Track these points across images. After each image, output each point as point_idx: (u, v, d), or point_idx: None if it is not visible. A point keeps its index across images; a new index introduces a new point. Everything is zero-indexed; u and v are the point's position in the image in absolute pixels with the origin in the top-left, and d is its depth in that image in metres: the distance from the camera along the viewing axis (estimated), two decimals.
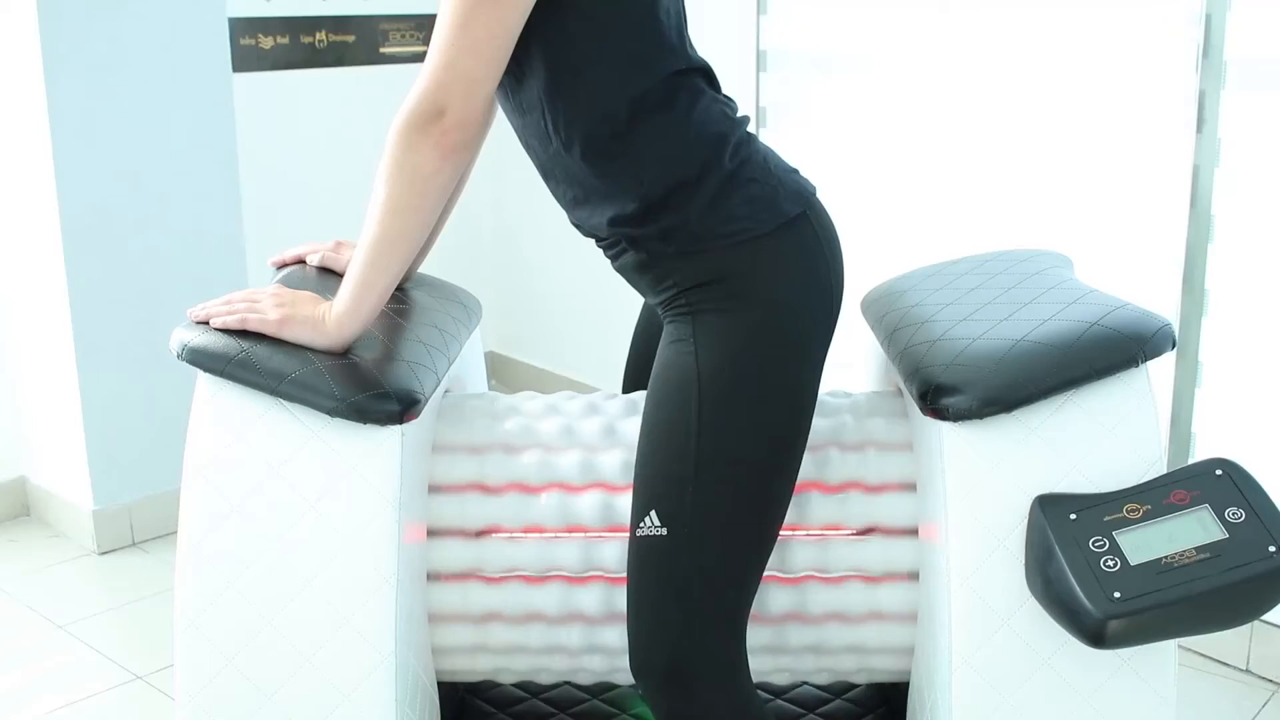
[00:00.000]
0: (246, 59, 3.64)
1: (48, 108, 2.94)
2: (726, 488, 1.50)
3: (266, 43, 3.70)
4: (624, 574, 1.60)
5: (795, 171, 1.59)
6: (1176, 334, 2.56)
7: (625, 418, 1.77)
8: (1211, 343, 2.68)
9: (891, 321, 1.78)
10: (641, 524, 1.51)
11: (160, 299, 3.15)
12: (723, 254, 1.51)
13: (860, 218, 3.23)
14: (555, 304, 4.23)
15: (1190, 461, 2.63)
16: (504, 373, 4.45)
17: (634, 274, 1.59)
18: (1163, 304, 2.68)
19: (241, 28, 3.62)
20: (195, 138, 3.19)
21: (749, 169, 1.52)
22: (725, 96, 1.58)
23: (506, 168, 1.70)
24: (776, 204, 1.52)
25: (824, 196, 1.60)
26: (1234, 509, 1.46)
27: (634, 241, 1.54)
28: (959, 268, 1.92)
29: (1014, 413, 1.54)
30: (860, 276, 2.10)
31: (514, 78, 1.51)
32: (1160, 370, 2.52)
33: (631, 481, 1.57)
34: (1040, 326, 1.60)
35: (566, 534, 1.70)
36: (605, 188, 1.53)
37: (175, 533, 1.58)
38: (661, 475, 1.51)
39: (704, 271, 1.51)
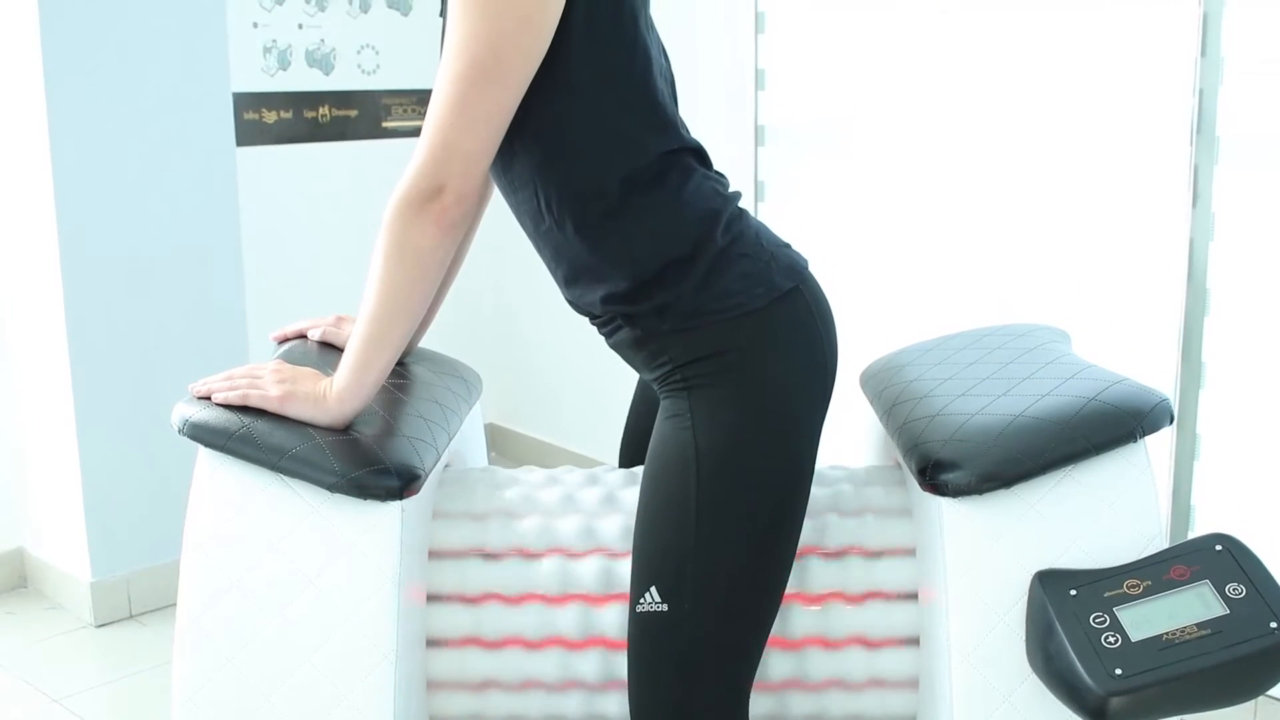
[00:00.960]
0: (250, 133, 3.68)
1: (53, 176, 2.97)
2: (726, 562, 1.49)
3: (270, 117, 3.74)
4: (624, 639, 1.59)
5: (788, 246, 1.60)
6: (1175, 407, 2.58)
7: (625, 487, 1.77)
8: (1209, 415, 2.69)
9: (890, 396, 1.78)
10: (641, 600, 1.51)
11: (161, 371, 3.16)
12: (717, 329, 1.51)
13: (859, 290, 3.24)
14: (554, 377, 4.24)
15: (1191, 534, 2.63)
16: (504, 445, 4.45)
17: (629, 351, 1.60)
18: (1160, 376, 2.69)
19: (246, 102, 3.66)
20: (198, 211, 3.21)
21: (741, 245, 1.53)
22: (717, 173, 1.60)
23: (505, 242, 1.72)
24: (769, 279, 1.53)
25: (823, 269, 1.62)
26: (1234, 584, 1.46)
27: (628, 319, 1.55)
28: (957, 342, 1.93)
29: (1013, 488, 1.54)
30: (859, 349, 2.11)
31: (507, 155, 1.53)
32: (1159, 443, 2.53)
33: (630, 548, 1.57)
34: (1038, 402, 1.60)
35: (566, 600, 1.70)
36: (598, 265, 1.54)
37: (173, 605, 1.58)
38: (660, 551, 1.51)
39: (699, 347, 1.52)
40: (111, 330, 3.11)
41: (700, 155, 1.58)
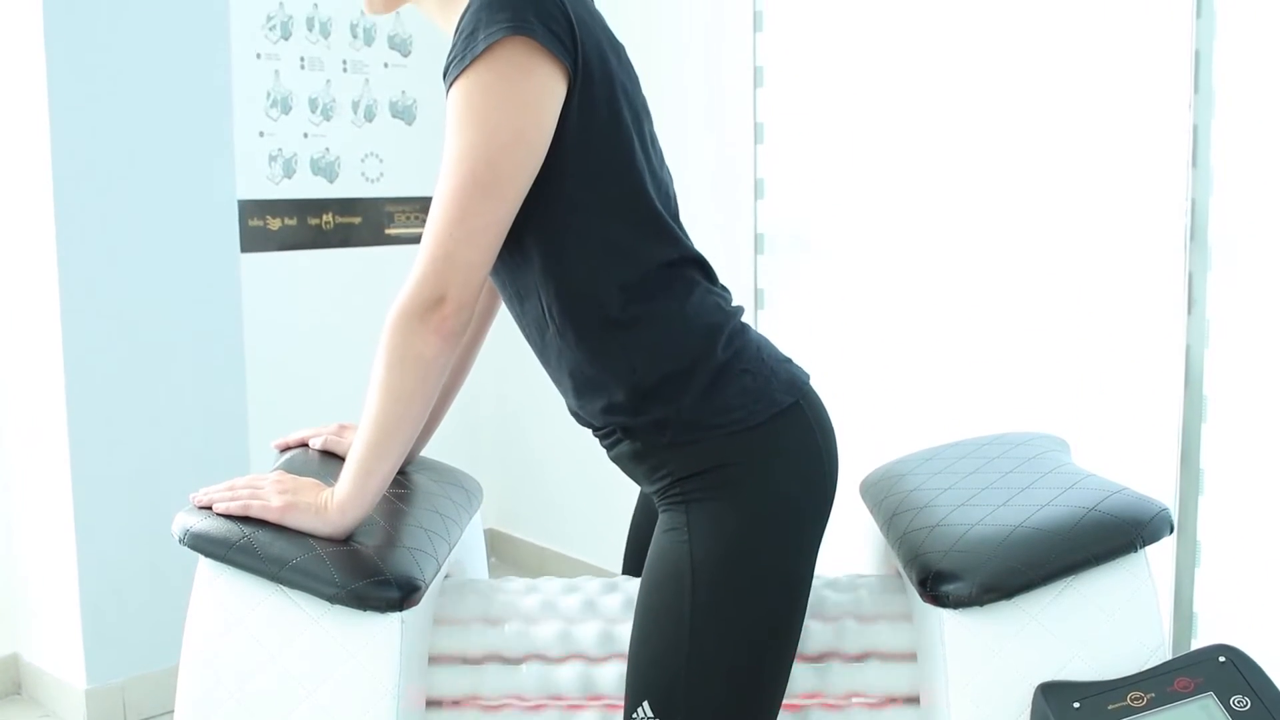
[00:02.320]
0: (255, 239, 3.72)
1: (59, 280, 2.99)
2: (720, 677, 1.48)
3: (275, 224, 3.79)
4: None
5: (789, 360, 1.62)
6: (1175, 514, 2.57)
7: (604, 593, 1.78)
8: (1210, 522, 2.68)
9: (890, 506, 1.79)
10: (634, 715, 1.50)
11: (162, 477, 3.16)
12: (716, 444, 1.52)
13: (860, 396, 3.25)
14: (556, 482, 4.24)
15: (1194, 643, 2.62)
16: (504, 550, 4.43)
17: (629, 463, 1.61)
18: (1160, 483, 2.70)
19: (251, 209, 3.71)
20: (202, 317, 3.24)
21: (742, 360, 1.55)
22: (720, 287, 1.61)
23: (508, 349, 1.74)
24: (770, 394, 1.54)
25: (822, 375, 1.63)
26: (1239, 697, 1.45)
27: (628, 431, 1.56)
28: (956, 451, 1.94)
29: (1014, 599, 1.54)
30: (860, 455, 2.12)
31: (508, 266, 1.55)
32: (1160, 551, 2.52)
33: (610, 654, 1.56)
34: (1038, 512, 1.61)
35: (580, 706, 1.69)
36: (599, 376, 1.55)
37: (169, 714, 1.56)
38: (654, 665, 1.50)
39: (698, 462, 1.52)
40: (112, 434, 3.11)
41: (703, 267, 1.60)
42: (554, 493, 4.26)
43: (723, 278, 1.65)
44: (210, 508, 1.58)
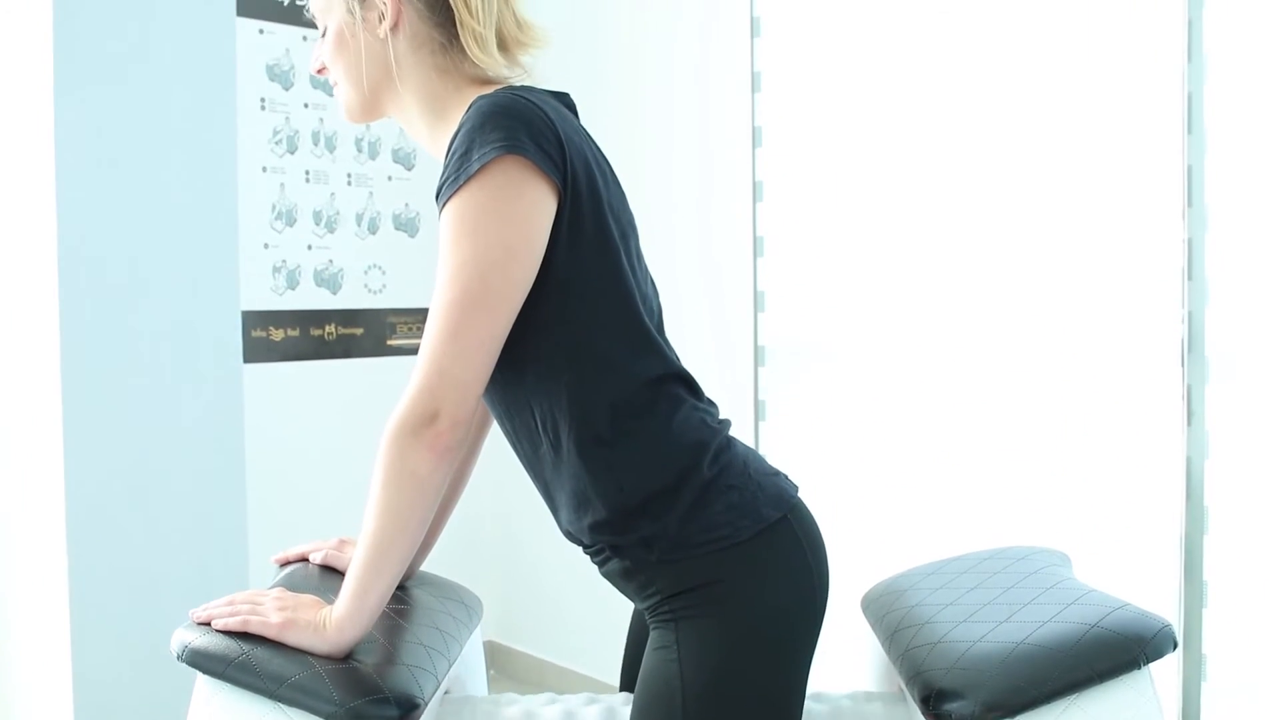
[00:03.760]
0: (257, 350, 3.74)
1: (62, 391, 3.00)
2: None
3: (278, 335, 3.81)
4: None
5: (777, 474, 1.62)
6: (1180, 629, 2.56)
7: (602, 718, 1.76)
8: (1215, 635, 2.66)
9: (892, 622, 1.78)
10: None
11: (160, 591, 3.14)
12: (704, 561, 1.52)
13: (862, 507, 3.25)
14: (555, 594, 4.21)
15: None
16: (504, 662, 4.39)
17: (620, 580, 1.61)
18: (1163, 596, 2.68)
19: (254, 320, 3.74)
20: (203, 428, 3.24)
21: (729, 475, 1.55)
22: (707, 402, 1.63)
23: (507, 460, 1.74)
24: (757, 510, 1.54)
25: (823, 487, 1.63)
26: None
27: (616, 549, 1.56)
28: (957, 566, 1.94)
29: (1018, 718, 1.52)
30: (862, 569, 2.12)
31: (498, 382, 1.56)
32: (1165, 665, 2.50)
33: None
34: (1040, 629, 1.60)
35: None
36: (587, 493, 1.56)
37: None
38: None
39: (686, 579, 1.52)
40: (110, 546, 3.10)
41: (689, 383, 1.61)
42: (553, 605, 4.24)
43: (723, 389, 1.66)
44: (209, 623, 1.57)
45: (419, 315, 4.14)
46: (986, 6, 3.03)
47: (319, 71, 1.70)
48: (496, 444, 1.78)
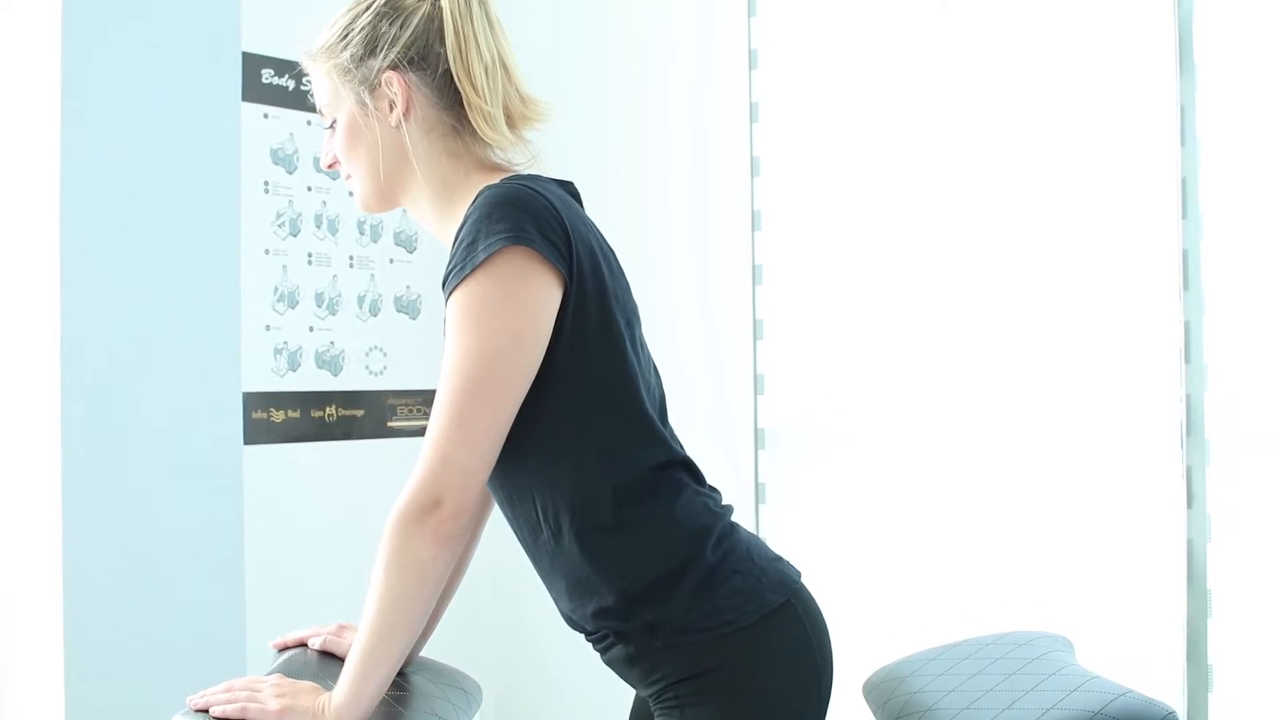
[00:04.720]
0: (258, 432, 3.74)
1: (62, 479, 3.00)
2: None
3: (278, 416, 3.81)
4: None
5: (780, 559, 1.62)
6: (1184, 714, 2.54)
7: None
8: (1220, 718, 2.64)
9: (894, 709, 1.77)
10: None
11: (158, 674, 3.11)
12: (708, 647, 1.52)
13: (864, 592, 3.23)
14: (555, 678, 4.18)
15: None
16: None
17: (623, 667, 1.60)
18: (1167, 681, 2.66)
19: (255, 402, 3.74)
20: (202, 512, 3.23)
21: (732, 561, 1.55)
22: (709, 488, 1.63)
23: (507, 544, 1.74)
24: (760, 594, 1.54)
25: (824, 571, 1.63)
26: None
27: (620, 635, 1.56)
28: (960, 651, 1.92)
29: None
30: (864, 653, 2.10)
31: (502, 469, 1.57)
32: None
33: None
34: (1043, 716, 1.59)
35: None
36: (590, 580, 1.55)
37: None
38: None
39: (690, 665, 1.52)
40: (108, 629, 3.07)
41: (691, 470, 1.62)
42: (553, 688, 4.20)
43: (723, 472, 1.67)
44: (207, 710, 1.56)
45: (420, 397, 4.15)
46: (979, 31, 3.05)
47: (330, 165, 1.70)
48: (498, 526, 1.78)
